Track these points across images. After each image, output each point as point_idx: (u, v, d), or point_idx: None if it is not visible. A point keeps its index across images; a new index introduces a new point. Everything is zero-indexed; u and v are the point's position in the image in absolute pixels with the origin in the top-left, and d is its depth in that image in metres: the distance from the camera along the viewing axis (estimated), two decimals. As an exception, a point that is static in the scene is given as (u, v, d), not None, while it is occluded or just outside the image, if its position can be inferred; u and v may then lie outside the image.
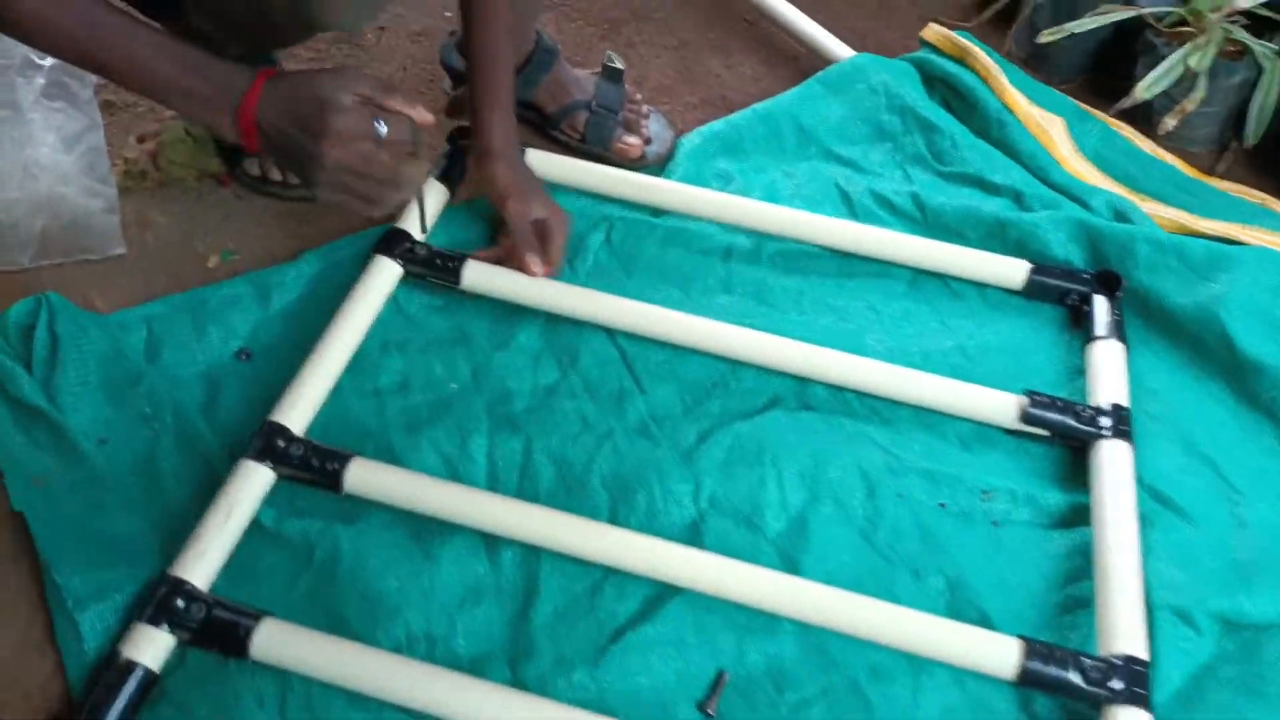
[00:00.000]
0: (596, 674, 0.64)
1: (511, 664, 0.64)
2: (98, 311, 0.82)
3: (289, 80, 0.66)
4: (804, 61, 1.15)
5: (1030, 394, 0.78)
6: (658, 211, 0.94)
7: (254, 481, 0.68)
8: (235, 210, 0.93)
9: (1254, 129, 1.02)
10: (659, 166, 1.01)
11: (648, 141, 1.01)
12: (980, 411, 0.79)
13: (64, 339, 0.75)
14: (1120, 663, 0.63)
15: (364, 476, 0.69)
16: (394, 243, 0.84)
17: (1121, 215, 0.94)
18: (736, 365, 0.83)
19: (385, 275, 0.82)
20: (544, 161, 0.93)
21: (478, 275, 0.83)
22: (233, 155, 0.95)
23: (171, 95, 0.65)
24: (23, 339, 0.76)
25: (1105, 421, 0.77)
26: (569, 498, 0.73)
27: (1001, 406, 0.78)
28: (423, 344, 0.82)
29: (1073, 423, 0.77)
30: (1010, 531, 0.74)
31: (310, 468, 0.69)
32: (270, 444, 0.69)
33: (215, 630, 0.62)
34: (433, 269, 0.83)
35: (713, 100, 1.11)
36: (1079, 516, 0.74)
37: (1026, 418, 0.77)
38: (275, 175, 0.94)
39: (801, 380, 0.82)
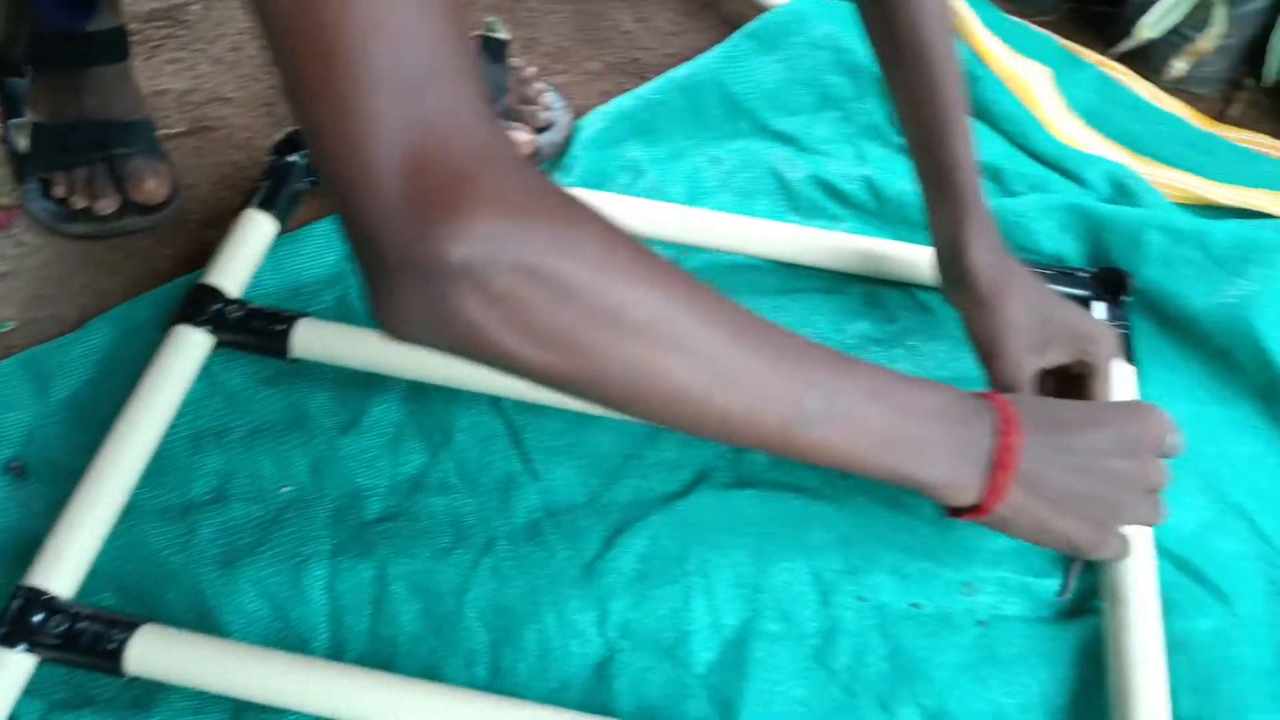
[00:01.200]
0: None
1: None
2: None
3: (1047, 408, 0.49)
4: (728, 7, 0.94)
5: (1021, 449, 0.62)
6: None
7: (4, 675, 0.51)
8: (22, 263, 0.74)
9: (1275, 64, 0.84)
10: (555, 161, 0.82)
11: (541, 129, 0.82)
12: (959, 476, 0.62)
13: None
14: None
15: (152, 653, 0.52)
16: (200, 305, 0.65)
17: (1124, 191, 0.76)
18: (655, 431, 0.66)
19: (190, 351, 0.63)
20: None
21: (313, 339, 0.65)
22: (26, 175, 0.75)
23: (882, 451, 0.44)
24: None
25: (1116, 481, 0.61)
26: (438, 642, 0.57)
27: (986, 468, 0.62)
28: (247, 432, 0.64)
29: (1076, 486, 0.61)
30: (1001, 633, 0.59)
31: (79, 647, 0.52)
32: (23, 620, 0.52)
33: None
34: (254, 335, 0.65)
35: (621, 64, 0.91)
36: (1087, 603, 0.59)
37: (1017, 482, 0.61)
38: (80, 202, 0.74)
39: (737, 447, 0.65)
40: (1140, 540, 0.58)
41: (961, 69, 0.58)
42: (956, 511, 0.49)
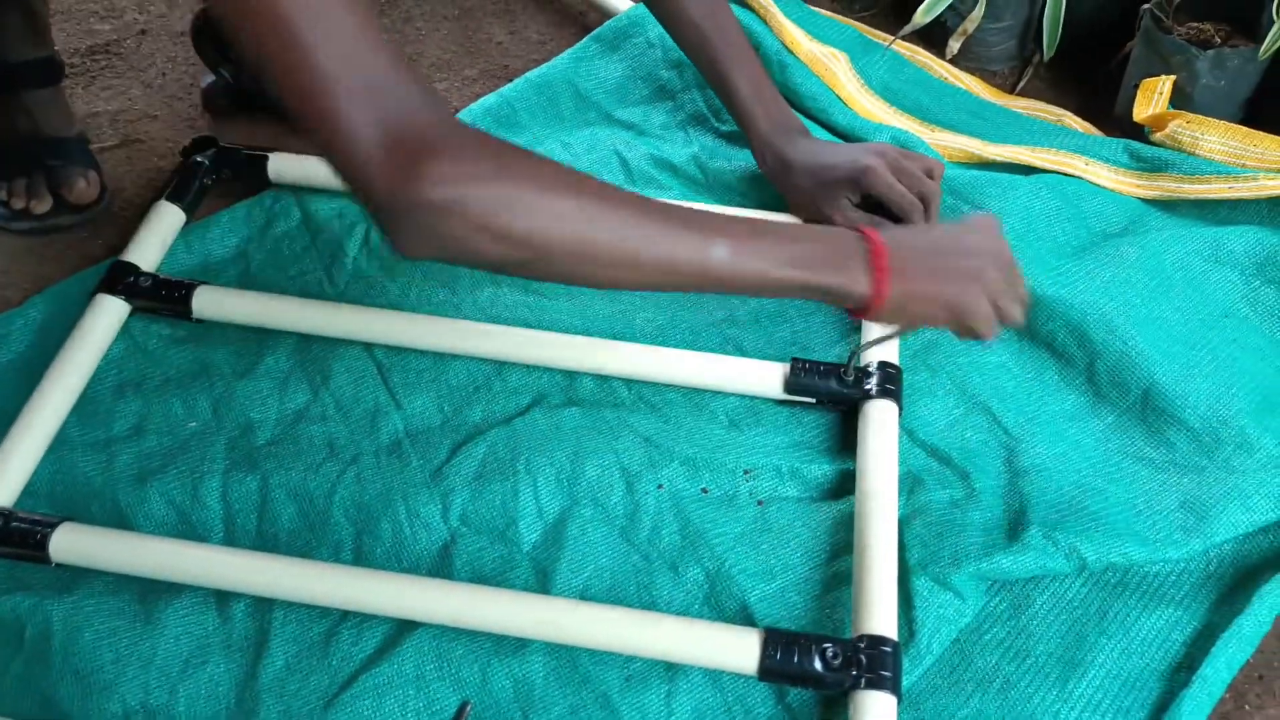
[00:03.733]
0: (324, 726, 0.61)
1: (233, 727, 0.61)
2: None
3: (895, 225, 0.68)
4: (591, 18, 1.08)
5: (794, 361, 0.75)
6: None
7: (-47, 565, 0.64)
8: (-31, 256, 0.88)
9: (1049, 41, 0.98)
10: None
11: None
12: (745, 385, 0.76)
13: None
14: (864, 644, 0.61)
15: (72, 543, 0.65)
16: (117, 277, 0.79)
17: (905, 153, 0.90)
18: (503, 365, 0.79)
19: (108, 314, 0.77)
20: (289, 164, 0.88)
21: (211, 302, 0.78)
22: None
23: (795, 270, 0.57)
24: None
25: (871, 383, 0.74)
26: (311, 535, 0.70)
27: (766, 378, 0.75)
28: (160, 381, 0.77)
29: (836, 386, 0.74)
30: (776, 510, 0.72)
31: (10, 540, 0.65)
32: (-32, 522, 0.65)
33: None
34: (160, 301, 0.78)
35: (494, 71, 1.05)
36: (848, 485, 0.72)
37: (789, 386, 0.74)
38: (19, 204, 0.88)
39: (570, 374, 0.78)
40: (887, 438, 0.71)
41: (734, 22, 0.84)
42: (858, 312, 0.60)
